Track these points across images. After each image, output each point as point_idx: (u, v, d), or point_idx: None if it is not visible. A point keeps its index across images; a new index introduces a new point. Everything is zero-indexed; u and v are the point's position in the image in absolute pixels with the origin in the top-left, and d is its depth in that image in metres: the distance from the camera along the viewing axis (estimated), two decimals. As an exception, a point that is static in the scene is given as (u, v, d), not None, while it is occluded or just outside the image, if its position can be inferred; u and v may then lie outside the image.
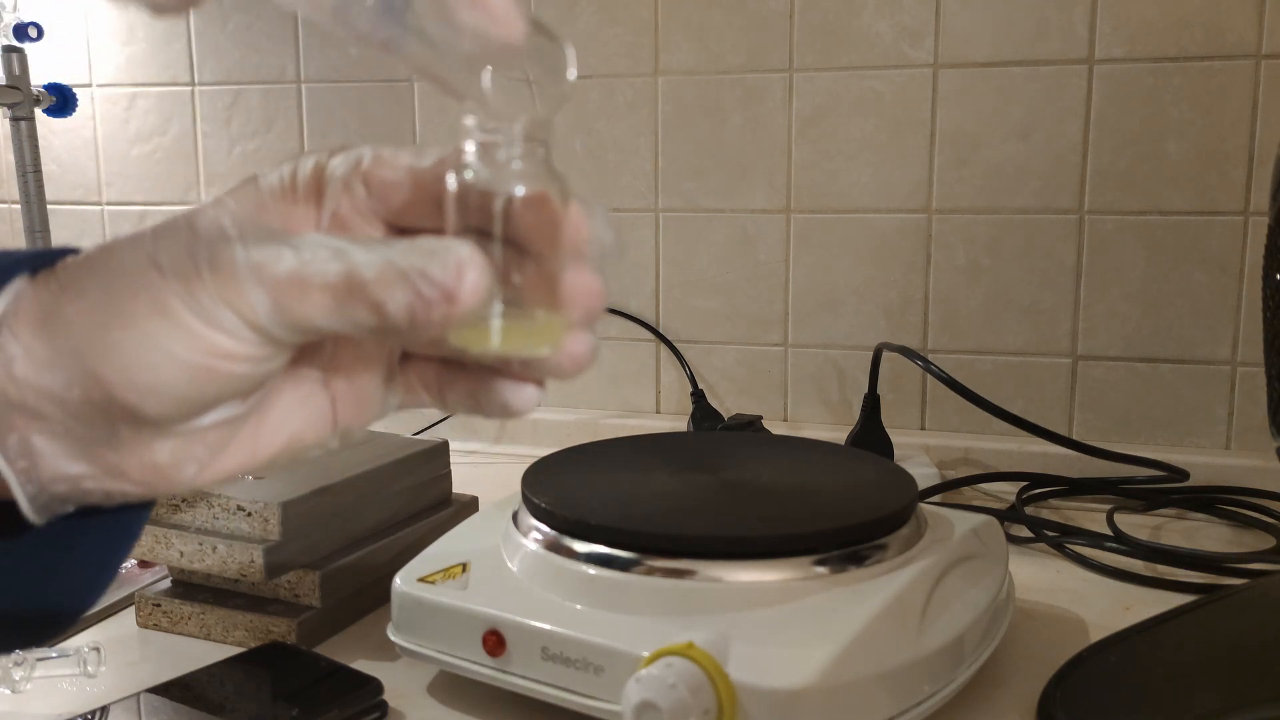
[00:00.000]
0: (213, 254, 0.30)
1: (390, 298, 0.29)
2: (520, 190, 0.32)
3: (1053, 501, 0.89)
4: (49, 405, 0.30)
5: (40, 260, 0.32)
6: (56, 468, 0.31)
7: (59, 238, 1.21)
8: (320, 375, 0.35)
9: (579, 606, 0.53)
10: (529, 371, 0.35)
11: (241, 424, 0.34)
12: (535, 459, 0.65)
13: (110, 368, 0.29)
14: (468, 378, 0.36)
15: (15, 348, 0.30)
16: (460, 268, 0.30)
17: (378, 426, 1.01)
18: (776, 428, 1.01)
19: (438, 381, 0.36)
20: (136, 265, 0.30)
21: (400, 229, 0.35)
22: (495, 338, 0.32)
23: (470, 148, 0.32)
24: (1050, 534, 0.78)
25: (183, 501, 0.65)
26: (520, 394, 0.35)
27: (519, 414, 0.36)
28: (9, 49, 1.02)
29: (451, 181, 0.32)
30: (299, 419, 0.35)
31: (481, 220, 0.32)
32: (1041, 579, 0.72)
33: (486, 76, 0.32)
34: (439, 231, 0.32)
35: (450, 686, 0.58)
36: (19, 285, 0.31)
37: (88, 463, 0.31)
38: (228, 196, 0.33)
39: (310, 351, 0.35)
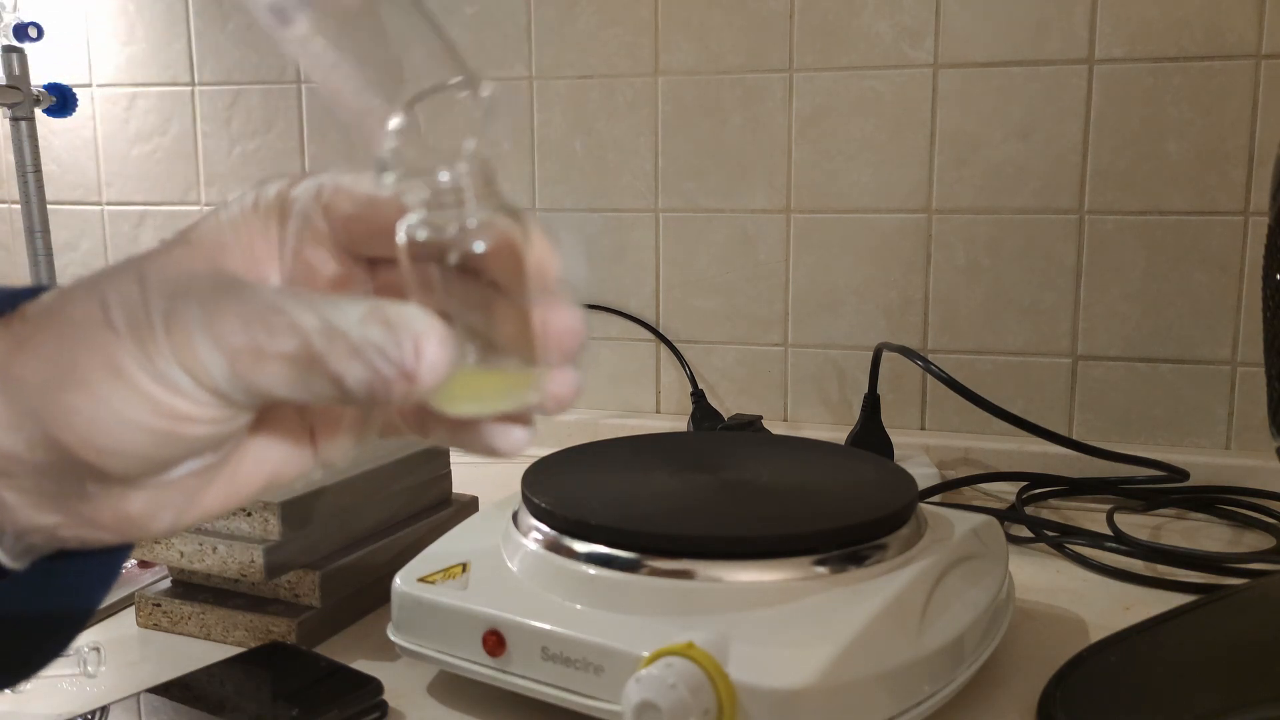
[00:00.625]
0: (168, 313, 0.29)
1: (348, 372, 0.29)
2: (479, 246, 0.30)
3: (1053, 501, 0.89)
4: (13, 464, 0.29)
5: (2, 303, 0.30)
6: (29, 519, 0.30)
7: (59, 238, 1.21)
8: (297, 414, 0.35)
9: (579, 606, 0.53)
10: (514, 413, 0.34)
11: (217, 471, 0.33)
12: (535, 459, 0.65)
13: (67, 432, 0.28)
14: (449, 420, 0.35)
15: None
16: (418, 344, 0.29)
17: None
18: (776, 428, 1.01)
19: (418, 418, 0.35)
20: (90, 321, 0.29)
21: (367, 258, 0.34)
22: (471, 404, 0.31)
23: (412, 196, 0.30)
24: (1050, 534, 0.78)
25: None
26: (507, 437, 0.34)
27: (508, 455, 0.35)
28: (9, 49, 1.02)
29: (401, 236, 0.30)
30: (278, 456, 0.34)
31: (440, 271, 0.30)
32: (1041, 579, 0.72)
33: (395, 120, 0.30)
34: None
35: (450, 686, 0.58)
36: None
37: (60, 514, 0.30)
38: (183, 238, 0.32)
39: (274, 425, 0.34)
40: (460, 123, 0.31)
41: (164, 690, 0.55)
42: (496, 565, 0.57)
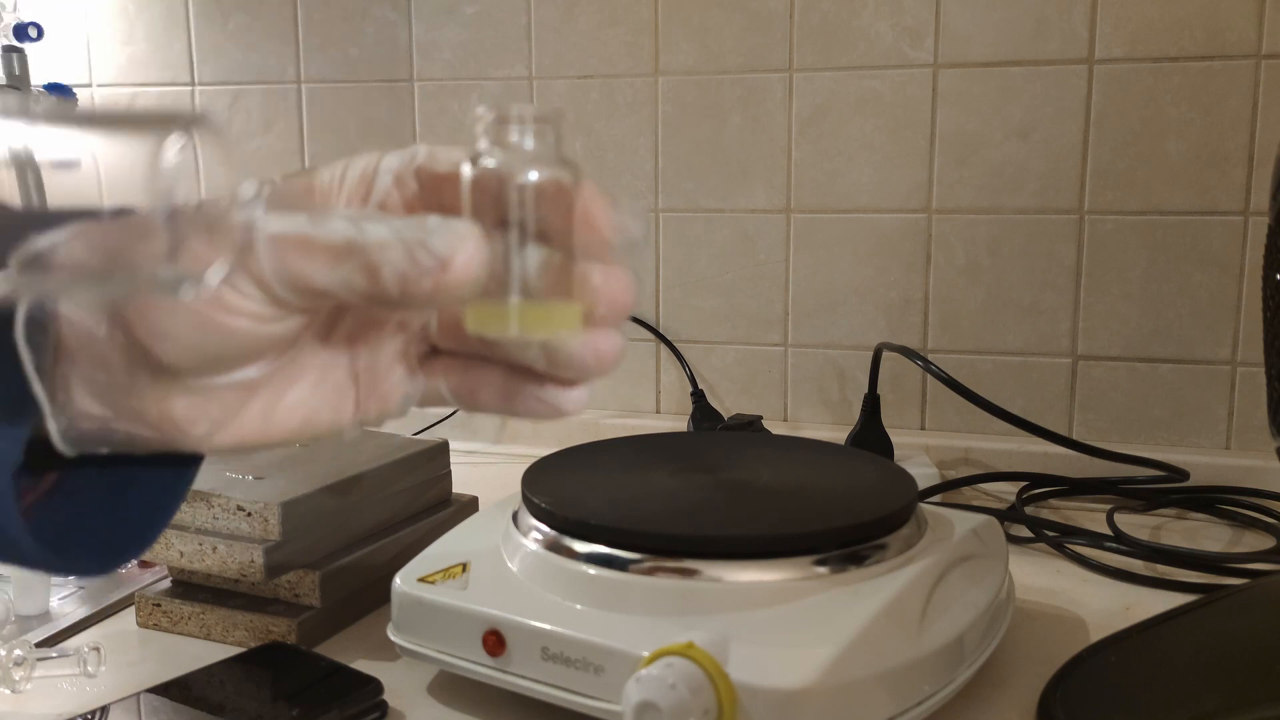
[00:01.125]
0: (231, 214, 0.31)
1: (385, 260, 0.30)
2: (533, 175, 0.32)
3: (1053, 501, 0.89)
4: (80, 342, 0.32)
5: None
6: (84, 406, 0.33)
7: (59, 238, 1.21)
8: (344, 361, 0.36)
9: (579, 606, 0.53)
10: (556, 370, 0.35)
11: (257, 392, 0.35)
12: (535, 459, 0.65)
13: (131, 307, 0.31)
14: (498, 378, 0.36)
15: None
16: (458, 240, 0.31)
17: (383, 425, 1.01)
18: (776, 428, 1.01)
19: (465, 380, 0.37)
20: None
21: None
22: (511, 320, 0.33)
23: (484, 138, 0.33)
24: (1050, 534, 0.78)
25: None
26: (565, 396, 0.36)
27: (565, 414, 0.36)
28: (9, 49, 1.02)
29: (466, 169, 0.33)
30: (317, 399, 0.36)
31: (497, 209, 0.33)
32: (1041, 579, 0.72)
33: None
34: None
35: (450, 686, 0.58)
36: (79, 225, 0.32)
37: (110, 407, 0.33)
38: (279, 178, 0.34)
39: (333, 334, 0.36)
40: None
41: (164, 690, 0.55)
42: (496, 565, 0.57)
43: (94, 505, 0.37)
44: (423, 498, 0.74)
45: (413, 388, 0.37)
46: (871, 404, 0.92)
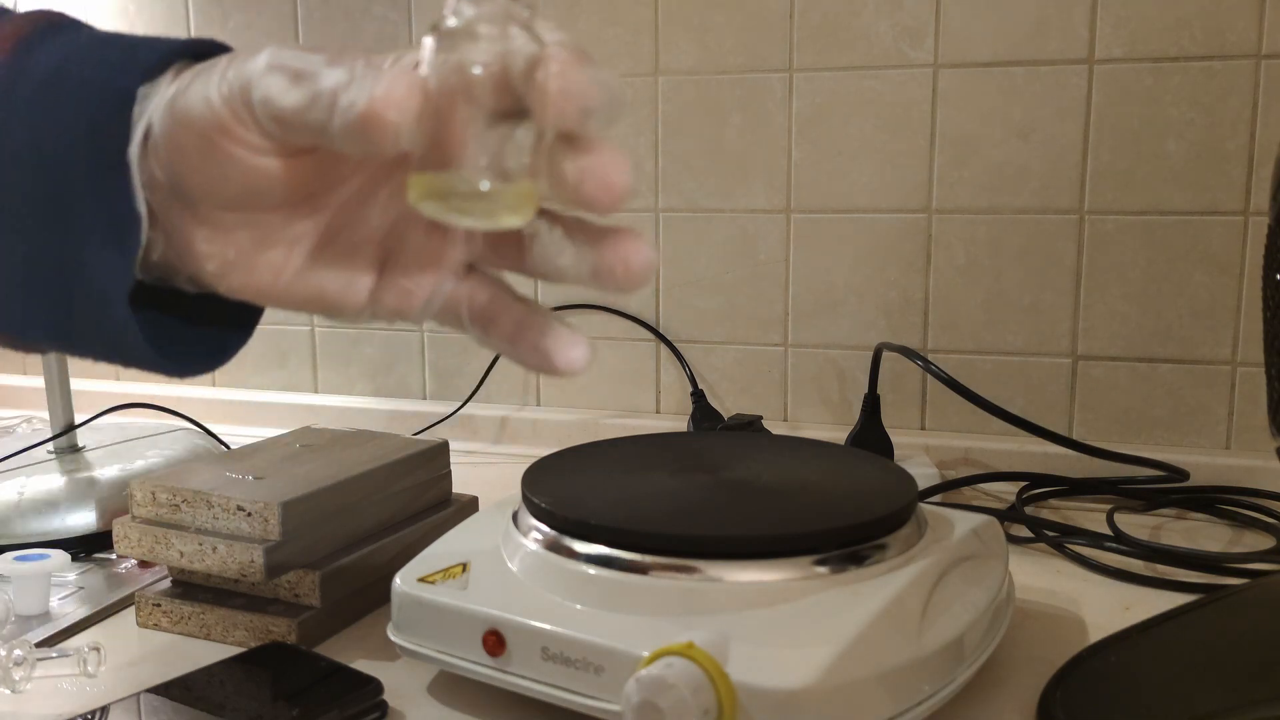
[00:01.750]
0: (254, 55, 0.34)
1: (328, 89, 0.32)
2: (478, 70, 0.32)
3: (1053, 501, 0.88)
4: (147, 161, 0.37)
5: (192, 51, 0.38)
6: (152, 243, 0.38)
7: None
8: (367, 240, 0.38)
9: (579, 606, 0.53)
10: (591, 281, 0.36)
11: (272, 243, 0.38)
12: (535, 459, 0.65)
13: (165, 144, 0.36)
14: (519, 313, 0.37)
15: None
16: (393, 76, 0.32)
17: (377, 425, 1.01)
18: (776, 428, 1.01)
19: (487, 307, 0.38)
20: (207, 85, 0.35)
21: None
22: (450, 197, 0.32)
23: (449, 19, 0.32)
24: (1050, 534, 0.78)
25: (182, 502, 0.65)
26: (563, 353, 0.36)
27: (560, 370, 0.37)
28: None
29: (426, 40, 0.33)
30: (334, 276, 0.38)
31: (458, 95, 0.32)
32: (1041, 579, 0.72)
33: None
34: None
35: (450, 686, 0.58)
36: (173, 73, 0.37)
37: (162, 232, 0.38)
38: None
39: (363, 218, 0.38)
40: None
41: (164, 690, 0.55)
42: (496, 565, 0.57)
43: (197, 321, 0.42)
44: (423, 498, 0.74)
45: (436, 294, 0.38)
46: (871, 404, 0.92)
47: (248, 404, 1.16)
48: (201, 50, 0.38)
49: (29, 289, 0.38)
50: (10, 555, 0.68)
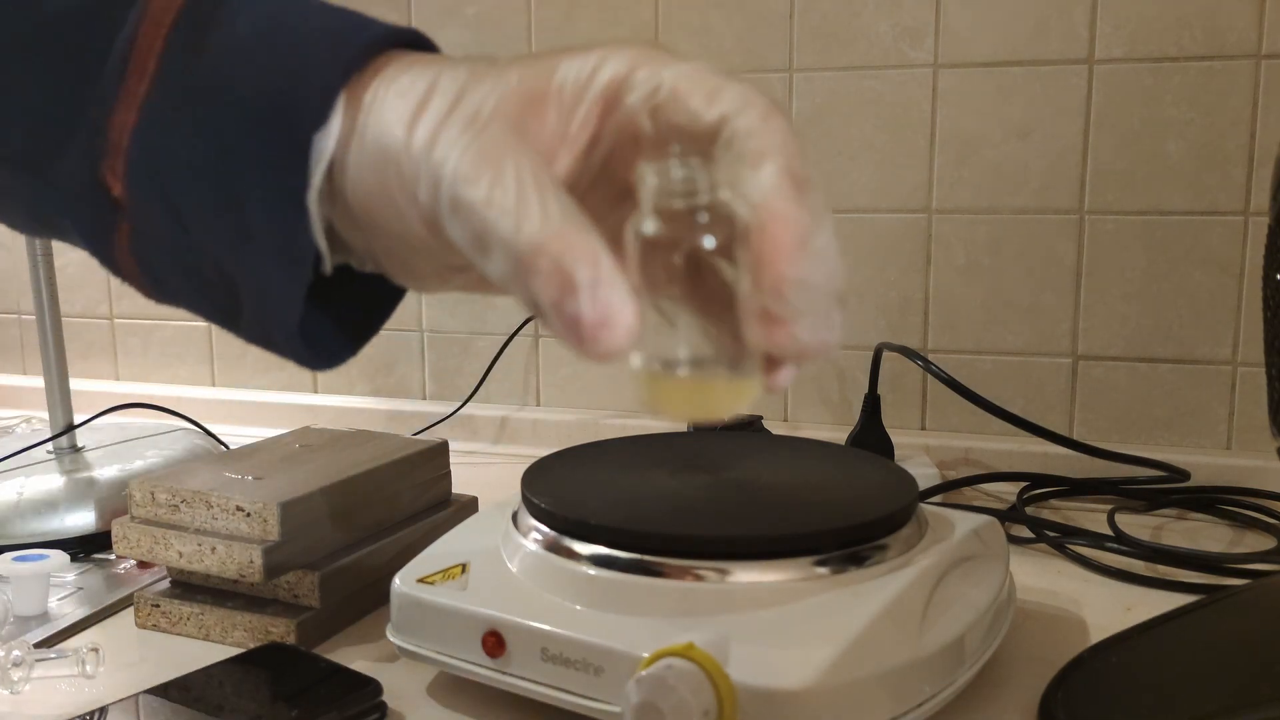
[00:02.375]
0: (438, 141, 0.32)
1: (528, 288, 0.30)
2: (709, 243, 0.30)
3: (1053, 502, 0.88)
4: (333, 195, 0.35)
5: (364, 54, 0.34)
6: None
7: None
8: None
9: (578, 607, 0.53)
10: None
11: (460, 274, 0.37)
12: (535, 459, 0.65)
13: (359, 206, 0.34)
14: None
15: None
16: (607, 316, 0.29)
17: (376, 425, 1.01)
18: (776, 428, 1.01)
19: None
20: (397, 134, 0.33)
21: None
22: (671, 408, 0.31)
23: (650, 182, 0.30)
24: (1051, 534, 0.78)
25: (181, 502, 0.65)
26: (777, 376, 0.34)
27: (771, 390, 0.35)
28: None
29: (629, 233, 0.31)
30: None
31: (666, 266, 0.31)
32: (1042, 579, 0.72)
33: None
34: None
35: (450, 687, 0.58)
36: (343, 100, 0.34)
37: (362, 261, 0.38)
38: (515, 71, 0.33)
39: None
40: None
41: (162, 691, 0.55)
42: (496, 566, 0.57)
43: (342, 308, 0.39)
44: (422, 498, 0.74)
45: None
46: (872, 404, 0.92)
47: (247, 404, 1.16)
48: (402, 40, 0.35)
49: (200, 285, 0.37)
50: (9, 555, 0.68)
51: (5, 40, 0.36)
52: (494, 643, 0.53)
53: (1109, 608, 0.67)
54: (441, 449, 0.76)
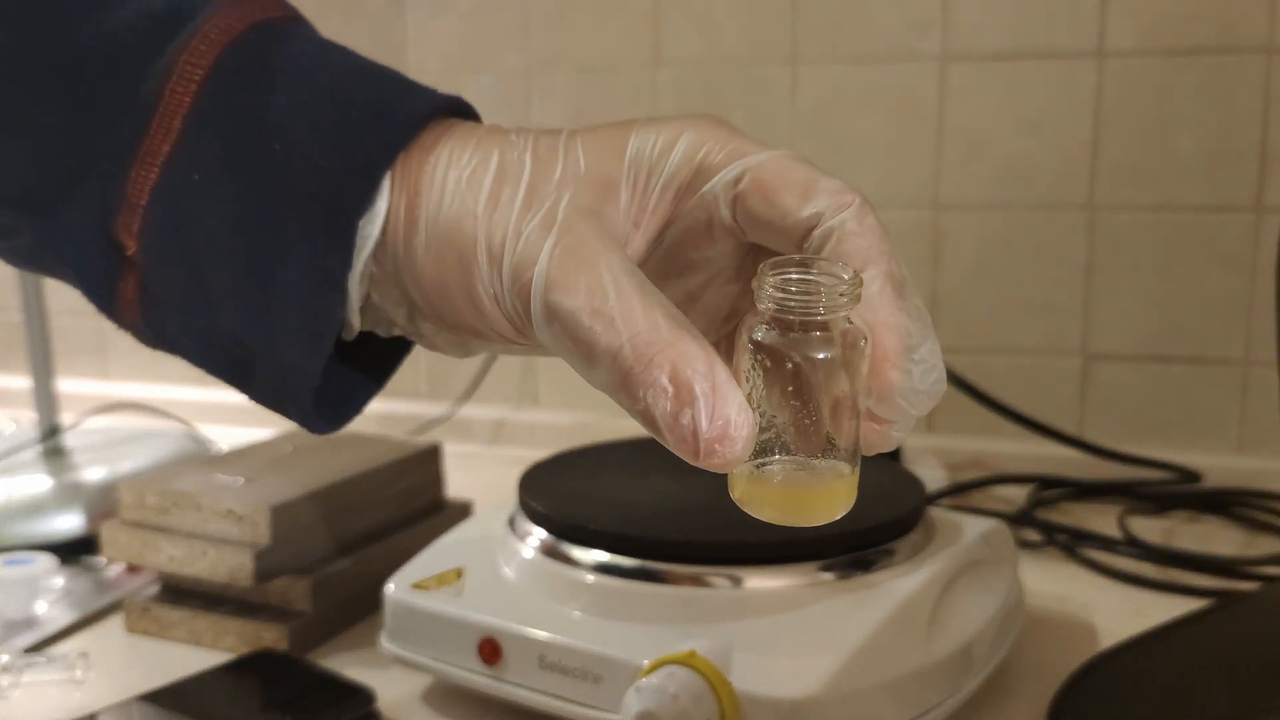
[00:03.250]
0: (524, 254, 0.31)
1: (641, 400, 0.30)
2: (821, 355, 0.30)
3: (1063, 504, 0.88)
4: (382, 290, 0.35)
5: (412, 124, 0.34)
6: (386, 329, 0.38)
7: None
8: None
9: (577, 614, 0.52)
10: None
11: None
12: (532, 462, 0.65)
13: (411, 281, 0.34)
14: None
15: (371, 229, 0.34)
16: (726, 428, 0.29)
17: (369, 427, 1.00)
18: (780, 428, 1.00)
19: None
20: (467, 228, 0.32)
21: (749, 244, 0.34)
22: (771, 511, 0.32)
23: (767, 300, 0.30)
24: (1061, 538, 0.77)
25: (171, 505, 0.64)
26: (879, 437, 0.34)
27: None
28: None
29: (744, 336, 0.31)
30: None
31: (778, 377, 0.30)
32: (1052, 584, 0.71)
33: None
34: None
35: (445, 695, 0.57)
36: (389, 182, 0.33)
37: (390, 329, 0.37)
38: (582, 156, 0.33)
39: None
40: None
41: (152, 698, 0.54)
42: (492, 571, 0.57)
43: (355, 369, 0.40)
44: (416, 502, 0.74)
45: None
46: (877, 404, 0.91)
47: (238, 405, 1.15)
48: (423, 119, 0.34)
49: (209, 346, 0.36)
50: (-4, 559, 0.68)
51: (30, 72, 0.34)
52: (490, 650, 0.52)
53: (1120, 612, 0.67)
54: (435, 452, 0.76)
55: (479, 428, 1.07)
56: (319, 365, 0.35)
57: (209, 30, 0.34)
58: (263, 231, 0.33)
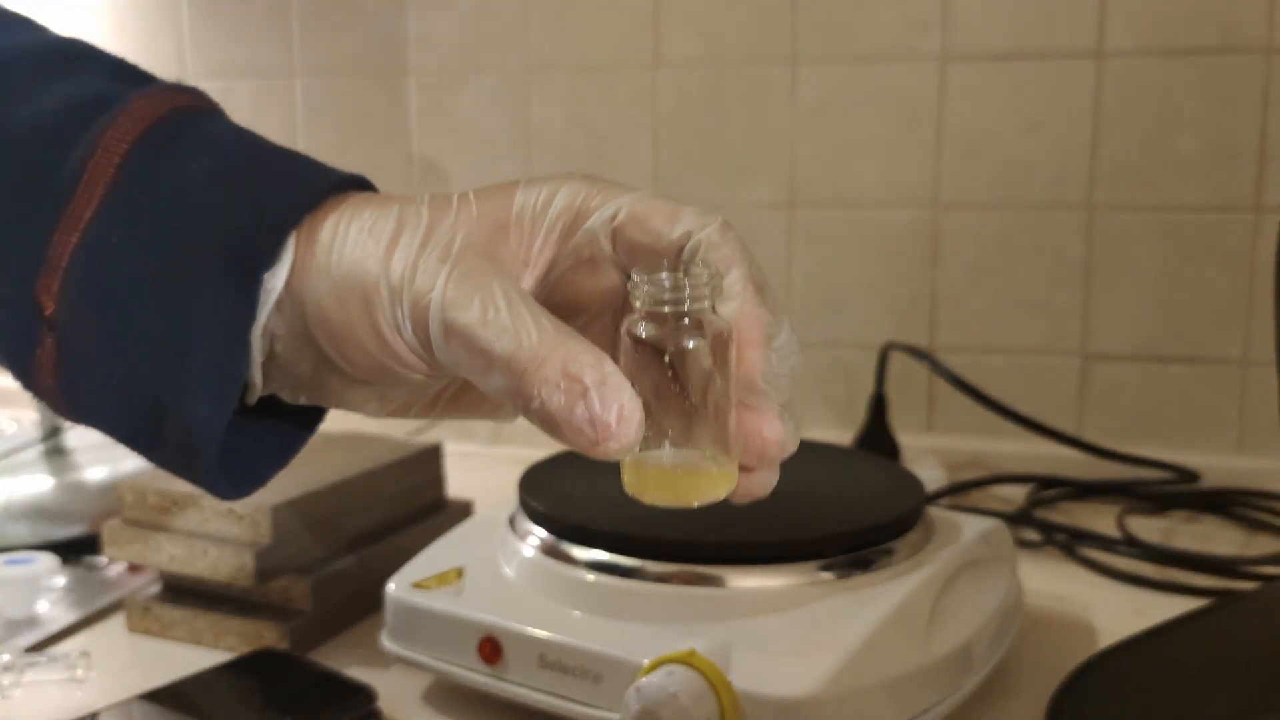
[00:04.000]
0: (422, 285, 0.33)
1: (535, 397, 0.32)
2: (691, 344, 0.34)
3: (1062, 504, 0.88)
4: (283, 346, 0.36)
5: (319, 194, 0.36)
6: (288, 395, 0.39)
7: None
8: None
9: (577, 613, 0.52)
10: None
11: (427, 396, 0.40)
12: (533, 461, 0.64)
13: (320, 331, 0.35)
14: None
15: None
16: (621, 413, 0.32)
17: (370, 427, 1.00)
18: (780, 428, 1.00)
19: None
20: (368, 257, 0.34)
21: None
22: (670, 486, 0.35)
23: (639, 301, 0.34)
24: (1060, 537, 0.77)
25: (172, 504, 0.64)
26: (752, 480, 0.38)
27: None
28: None
29: (624, 336, 0.34)
30: (481, 400, 0.40)
31: (654, 367, 0.34)
32: (1051, 583, 0.71)
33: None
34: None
35: (445, 694, 0.57)
36: (294, 240, 0.35)
37: (302, 395, 0.39)
38: (474, 204, 0.36)
39: None
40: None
41: (153, 697, 0.54)
42: (493, 571, 0.57)
43: (265, 433, 0.41)
44: (417, 501, 0.73)
45: None
46: (878, 404, 0.91)
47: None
48: (329, 189, 0.37)
49: (122, 408, 0.37)
50: (-2, 559, 0.68)
51: None
52: (490, 649, 0.52)
53: (1118, 612, 0.67)
54: (436, 451, 0.76)
55: (479, 427, 1.07)
56: (223, 419, 0.36)
57: (135, 109, 0.37)
58: (175, 285, 0.35)
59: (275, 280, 0.35)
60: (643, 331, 0.34)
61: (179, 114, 0.38)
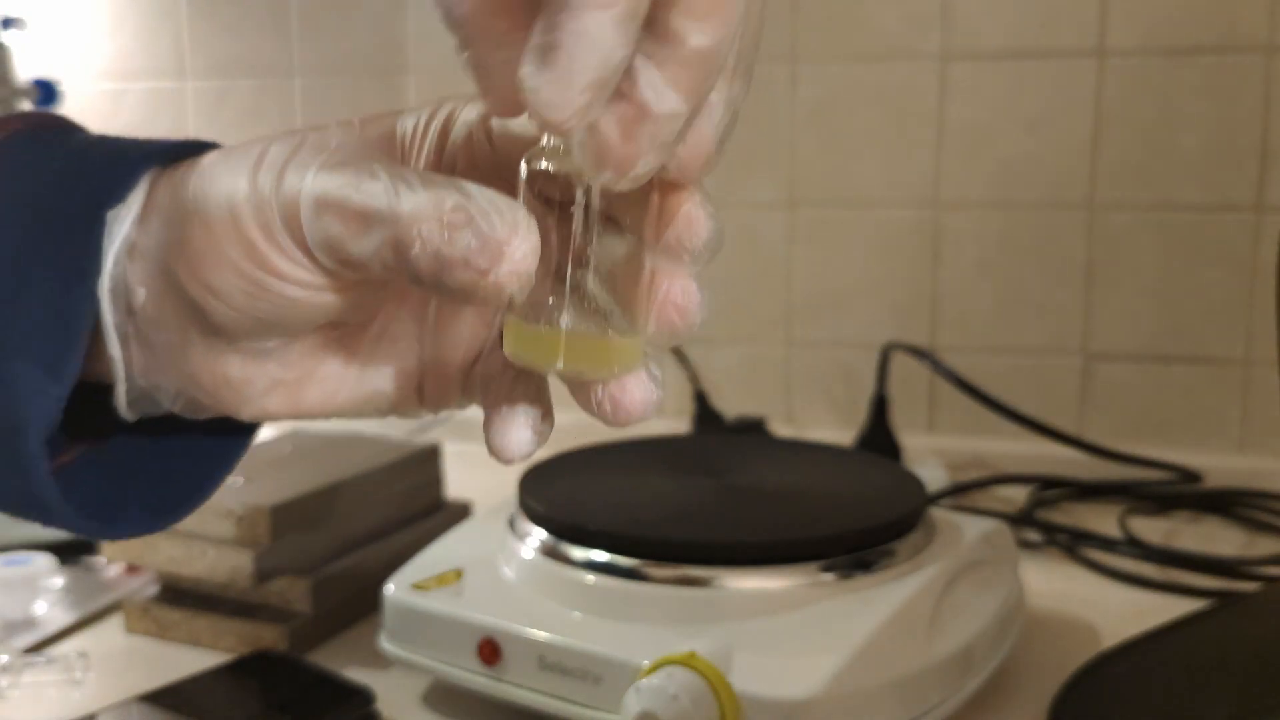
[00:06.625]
0: (288, 163, 0.30)
1: (417, 237, 0.28)
2: (600, 179, 0.28)
3: (1064, 504, 0.87)
4: (138, 302, 0.32)
5: (173, 153, 0.33)
6: (147, 379, 0.33)
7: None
8: (416, 341, 0.35)
9: (577, 614, 0.52)
10: (578, 392, 0.32)
11: (315, 366, 0.34)
12: (533, 462, 0.64)
13: (181, 264, 0.31)
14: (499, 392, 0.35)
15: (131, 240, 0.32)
16: (506, 230, 0.28)
17: (369, 428, 1.00)
18: (781, 430, 1.00)
19: (500, 386, 0.35)
20: (238, 185, 0.31)
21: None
22: (560, 351, 0.29)
23: (545, 142, 0.29)
24: (1061, 538, 0.77)
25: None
26: (507, 437, 0.34)
27: (503, 459, 0.35)
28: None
29: (523, 167, 0.29)
30: (386, 374, 0.35)
31: (557, 213, 0.30)
32: (1053, 584, 0.71)
33: None
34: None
35: (444, 696, 0.57)
36: (146, 182, 0.33)
37: (167, 374, 0.33)
38: (358, 124, 0.33)
39: (393, 337, 0.35)
40: None
41: (151, 699, 0.54)
42: (492, 572, 0.57)
43: (138, 471, 0.36)
44: (416, 502, 0.73)
45: (467, 394, 0.36)
46: (879, 405, 0.91)
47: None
48: (186, 152, 0.34)
49: None
50: (-5, 559, 0.67)
51: None
52: (490, 650, 0.52)
53: (1120, 613, 0.66)
54: (435, 452, 0.76)
55: (479, 428, 1.07)
56: (59, 389, 0.32)
57: (7, 121, 0.35)
58: (17, 242, 0.32)
59: (121, 225, 0.32)
60: (545, 163, 0.29)
61: (37, 128, 0.36)
